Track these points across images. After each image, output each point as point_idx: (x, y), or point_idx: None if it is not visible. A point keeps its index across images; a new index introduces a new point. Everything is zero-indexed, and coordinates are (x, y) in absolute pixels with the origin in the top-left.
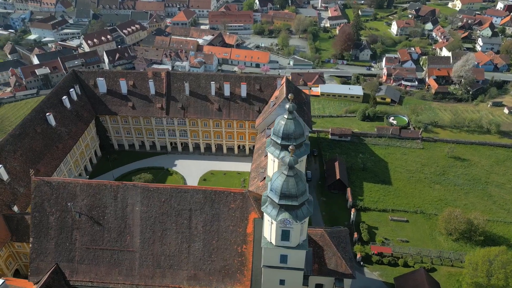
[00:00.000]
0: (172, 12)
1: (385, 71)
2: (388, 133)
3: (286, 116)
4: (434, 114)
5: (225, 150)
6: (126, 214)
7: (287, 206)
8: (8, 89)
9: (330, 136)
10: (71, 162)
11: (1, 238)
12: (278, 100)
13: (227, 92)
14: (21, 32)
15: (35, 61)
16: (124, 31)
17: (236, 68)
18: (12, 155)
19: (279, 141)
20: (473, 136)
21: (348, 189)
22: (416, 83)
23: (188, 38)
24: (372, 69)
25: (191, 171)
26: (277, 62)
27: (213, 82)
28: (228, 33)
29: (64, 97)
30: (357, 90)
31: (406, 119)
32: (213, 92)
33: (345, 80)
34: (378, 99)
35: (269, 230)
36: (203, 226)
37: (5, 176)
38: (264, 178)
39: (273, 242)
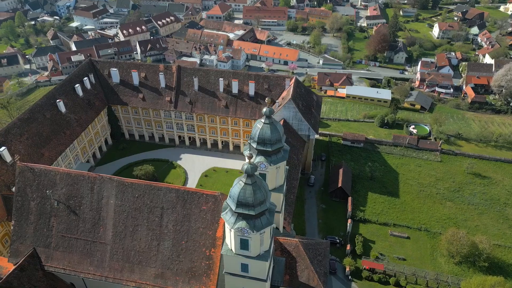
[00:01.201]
0: (208, 5)
1: (418, 75)
2: (404, 142)
3: (263, 121)
4: (466, 125)
5: (231, 148)
6: (101, 206)
7: (244, 214)
8: (45, 73)
9: (342, 141)
10: (78, 149)
11: None
12: (284, 101)
13: (235, 90)
14: (65, 19)
15: (73, 47)
16: (159, 22)
17: (263, 65)
18: (18, 138)
19: (254, 146)
20: (500, 152)
21: (349, 198)
22: (452, 90)
23: (220, 32)
24: (406, 73)
25: (194, 166)
26: (306, 60)
27: (222, 79)
28: (260, 29)
29: (77, 85)
30: (385, 94)
31: (428, 128)
32: (221, 89)
33: (374, 82)
34: (407, 105)
35: (229, 237)
36: (174, 226)
37: (8, 158)
38: None
39: (233, 249)
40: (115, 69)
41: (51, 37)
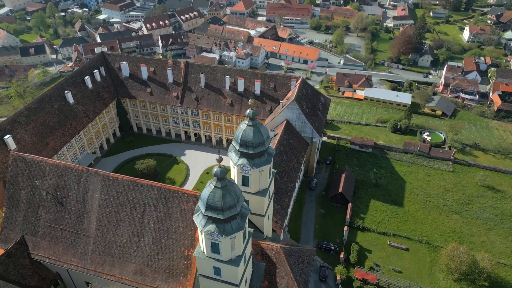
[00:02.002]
0: (233, 1)
1: (442, 80)
2: (415, 149)
3: (246, 123)
4: (489, 134)
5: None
6: (86, 199)
7: (214, 218)
8: (70, 64)
9: (350, 145)
10: (85, 140)
11: None
12: (288, 102)
13: (241, 88)
14: (94, 11)
15: (98, 39)
16: (182, 17)
17: (282, 63)
18: (24, 126)
19: (237, 147)
20: None
21: (349, 205)
22: (477, 97)
23: (241, 29)
24: (430, 76)
25: (197, 162)
26: (327, 60)
27: (228, 77)
28: (282, 26)
29: (87, 77)
30: (405, 98)
31: (442, 136)
32: (227, 87)
33: (396, 85)
34: (427, 110)
35: (201, 240)
36: (155, 223)
37: (13, 146)
38: None
39: (205, 252)
40: (125, 62)
41: (78, 28)
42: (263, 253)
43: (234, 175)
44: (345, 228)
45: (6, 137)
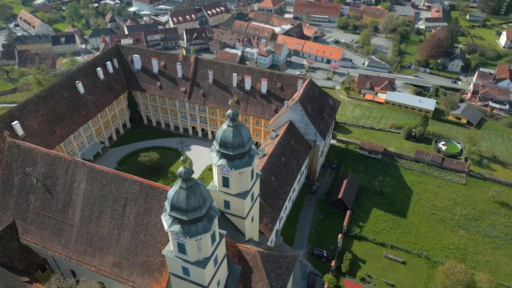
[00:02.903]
0: None
1: (471, 87)
2: (428, 159)
3: (227, 123)
4: None
5: None
6: (73, 189)
7: (179, 219)
8: (97, 54)
9: (359, 150)
10: (93, 129)
11: None
12: (292, 103)
13: (247, 86)
14: (126, 3)
15: (126, 31)
16: (209, 12)
17: (305, 62)
18: (33, 114)
19: (217, 148)
20: None
21: (348, 212)
22: (507, 106)
23: (265, 26)
24: (459, 82)
25: (201, 158)
26: (351, 60)
27: (235, 74)
28: (308, 24)
29: (99, 68)
30: (428, 103)
31: (459, 146)
32: (234, 84)
33: (421, 90)
34: (452, 118)
35: (170, 238)
36: (135, 218)
37: (20, 132)
38: None
39: (173, 251)
40: (137, 55)
41: (108, 20)
42: (240, 256)
43: (215, 175)
44: (340, 235)
45: (14, 123)
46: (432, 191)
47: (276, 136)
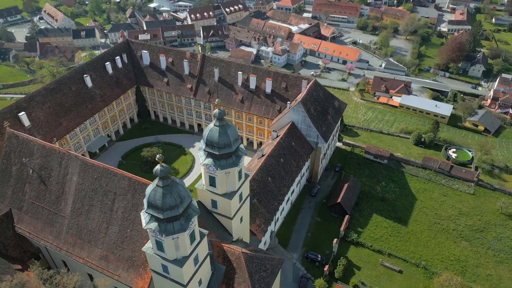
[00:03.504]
0: None
1: (491, 93)
2: (435, 166)
3: (214, 122)
4: None
5: (244, 143)
6: (66, 181)
7: (156, 216)
8: None
9: (364, 154)
10: (99, 123)
11: None
12: (294, 104)
13: (252, 85)
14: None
15: (145, 27)
16: (227, 9)
17: (320, 62)
18: (40, 105)
19: (203, 147)
20: None
21: (346, 217)
22: None
23: (282, 24)
24: (480, 88)
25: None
26: (367, 62)
27: (241, 73)
28: (326, 24)
29: (107, 62)
30: (445, 109)
31: (470, 155)
32: (239, 83)
33: (438, 95)
34: (468, 125)
35: (149, 235)
36: (123, 212)
37: (27, 122)
38: None
39: (153, 248)
40: (146, 51)
41: (128, 15)
42: (224, 256)
43: (202, 174)
44: (335, 240)
45: (20, 114)
46: (438, 200)
47: (277, 136)
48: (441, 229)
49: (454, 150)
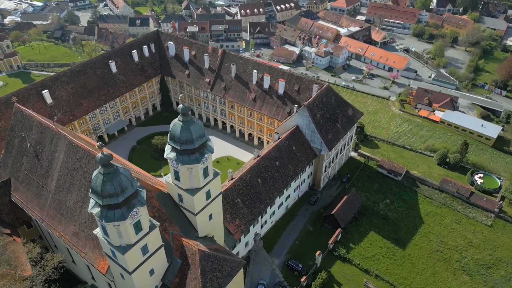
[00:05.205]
0: None
1: None
2: (453, 190)
3: (178, 117)
4: None
5: (256, 142)
6: (54, 158)
7: (97, 202)
8: None
9: (377, 168)
10: (120, 107)
11: None
12: (300, 108)
13: (266, 85)
14: None
15: (196, 19)
16: (278, 7)
17: (364, 67)
18: (64, 85)
19: (168, 140)
20: None
21: (338, 230)
22: None
23: (330, 25)
24: None
25: (214, 149)
26: (416, 71)
27: (256, 71)
28: (377, 28)
29: (134, 51)
30: (491, 130)
31: (499, 182)
32: (254, 81)
33: (489, 114)
34: None
35: None
36: None
37: (49, 100)
38: (232, 178)
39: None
40: (172, 43)
41: (184, 7)
42: (182, 250)
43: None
44: (318, 252)
45: (44, 91)
46: (448, 226)
47: (278, 139)
48: (442, 258)
49: (481, 175)
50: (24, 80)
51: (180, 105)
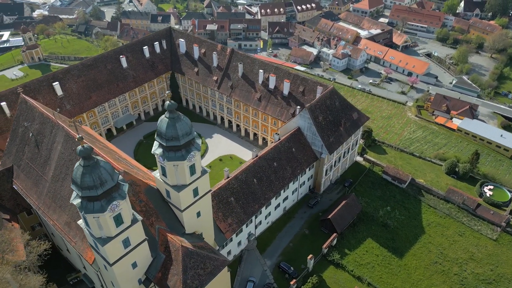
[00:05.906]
0: None
1: None
2: (459, 200)
3: (164, 114)
4: None
5: (260, 142)
6: (52, 148)
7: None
8: None
9: (382, 174)
10: (129, 102)
11: None
12: (302, 109)
13: (271, 85)
14: None
15: (216, 17)
16: (298, 7)
17: (383, 71)
18: (75, 78)
19: (155, 136)
20: None
21: (334, 235)
22: None
23: (350, 27)
24: None
25: (217, 147)
26: (436, 77)
27: (262, 71)
28: (399, 32)
29: (145, 47)
30: (510, 140)
31: (510, 196)
32: (260, 81)
33: (510, 124)
34: None
35: None
36: None
37: (59, 92)
38: (228, 177)
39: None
40: (183, 40)
41: (205, 5)
42: (166, 246)
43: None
44: (310, 256)
45: (55, 83)
46: (450, 238)
47: (278, 140)
48: (440, 270)
49: (492, 187)
50: (44, 72)
51: (167, 102)
